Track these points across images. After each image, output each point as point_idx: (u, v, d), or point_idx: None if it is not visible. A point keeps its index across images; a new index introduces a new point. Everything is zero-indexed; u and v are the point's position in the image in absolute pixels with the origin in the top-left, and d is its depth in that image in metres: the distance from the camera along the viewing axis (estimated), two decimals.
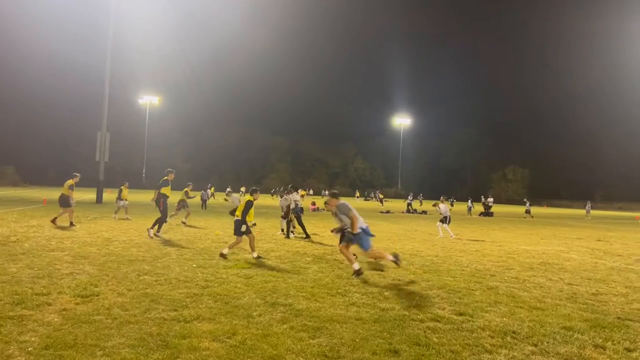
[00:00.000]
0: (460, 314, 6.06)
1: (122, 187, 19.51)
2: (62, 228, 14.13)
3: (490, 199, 41.07)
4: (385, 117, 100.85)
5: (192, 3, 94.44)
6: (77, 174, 16.67)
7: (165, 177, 13.67)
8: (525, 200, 41.98)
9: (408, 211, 36.62)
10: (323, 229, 17.20)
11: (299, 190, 16.41)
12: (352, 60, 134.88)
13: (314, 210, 31.85)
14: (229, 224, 16.63)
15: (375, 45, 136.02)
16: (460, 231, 19.33)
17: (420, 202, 40.59)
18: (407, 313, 6.00)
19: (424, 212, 35.47)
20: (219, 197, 40.38)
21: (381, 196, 50.16)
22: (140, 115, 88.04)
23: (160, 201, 13.35)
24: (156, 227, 13.14)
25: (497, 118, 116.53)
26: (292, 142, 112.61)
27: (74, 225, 14.84)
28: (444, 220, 16.90)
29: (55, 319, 5.10)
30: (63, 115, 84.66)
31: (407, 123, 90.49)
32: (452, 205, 43.98)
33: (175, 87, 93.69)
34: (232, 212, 15.20)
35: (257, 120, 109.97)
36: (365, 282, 7.90)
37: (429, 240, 15.57)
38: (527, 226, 25.49)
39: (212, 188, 43.77)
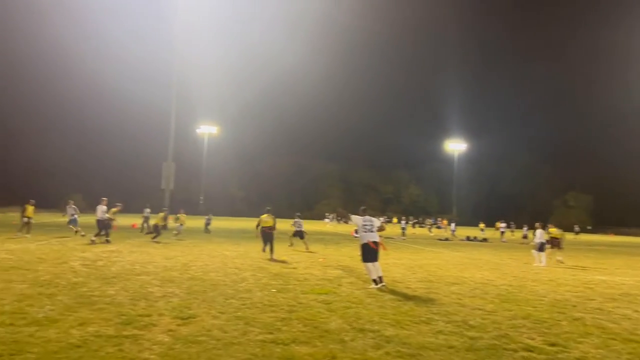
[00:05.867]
0: (553, 345, 5.99)
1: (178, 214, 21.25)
2: (141, 252, 14.89)
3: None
4: (438, 142, 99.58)
5: (248, 38, 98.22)
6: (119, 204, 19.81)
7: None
8: (575, 227, 40.20)
9: (446, 239, 35.87)
10: (385, 257, 17.24)
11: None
12: (404, 85, 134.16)
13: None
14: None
15: (428, 69, 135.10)
16: (528, 260, 18.81)
17: (482, 230, 39.46)
18: (497, 342, 5.99)
19: (485, 239, 34.64)
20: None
21: (444, 222, 48.26)
22: (198, 144, 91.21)
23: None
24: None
25: (556, 142, 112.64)
26: (344, 169, 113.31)
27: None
28: (541, 247, 16.69)
29: (166, 339, 5.47)
30: (128, 145, 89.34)
31: (461, 148, 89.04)
32: (512, 232, 42.64)
33: (231, 117, 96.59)
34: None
35: (310, 148, 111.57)
36: (447, 312, 7.92)
37: (497, 269, 15.27)
38: (595, 255, 24.43)
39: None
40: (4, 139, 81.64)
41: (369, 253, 10.06)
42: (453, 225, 38.67)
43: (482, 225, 40.42)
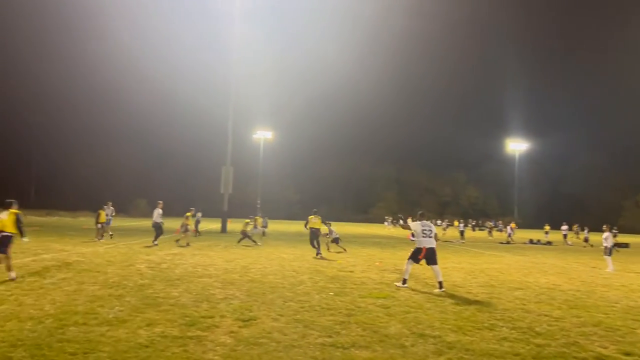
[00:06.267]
0: (627, 354, 5.66)
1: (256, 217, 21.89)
2: (202, 255, 15.34)
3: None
4: (497, 142, 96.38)
5: (302, 42, 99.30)
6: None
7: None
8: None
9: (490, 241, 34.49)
10: (444, 261, 16.88)
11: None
12: (461, 83, 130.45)
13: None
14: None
15: (486, 66, 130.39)
16: (597, 264, 17.87)
17: (547, 232, 37.74)
18: (566, 350, 5.72)
19: (549, 242, 33.24)
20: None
21: (514, 225, 45.92)
22: (254, 149, 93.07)
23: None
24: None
25: (626, 141, 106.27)
26: (399, 171, 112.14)
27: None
28: (609, 251, 15.96)
29: (228, 340, 5.60)
30: (188, 151, 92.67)
31: (522, 148, 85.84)
32: (577, 234, 40.58)
33: (286, 122, 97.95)
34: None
35: (364, 151, 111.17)
36: (511, 317, 7.65)
37: (564, 273, 14.60)
38: None
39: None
40: (74, 147, 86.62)
41: (419, 256, 10.15)
42: (509, 228, 37.25)
43: (547, 228, 38.80)
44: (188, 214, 20.65)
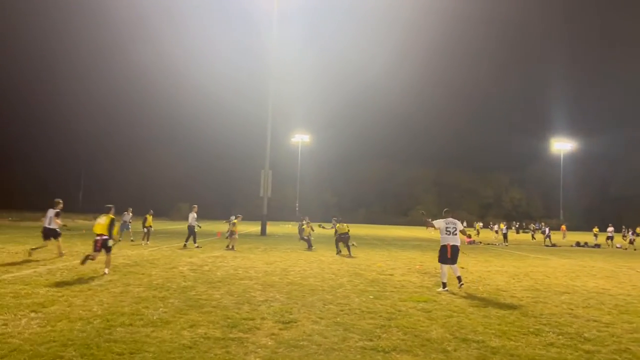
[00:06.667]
0: None
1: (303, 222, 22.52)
2: (243, 258, 15.55)
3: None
4: (541, 142, 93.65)
5: (339, 45, 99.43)
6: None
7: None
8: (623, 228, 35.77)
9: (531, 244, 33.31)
10: (487, 264, 16.52)
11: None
12: (502, 82, 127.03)
13: (469, 243, 30.65)
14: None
15: (529, 64, 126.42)
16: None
17: (596, 235, 36.28)
18: (617, 357, 5.50)
19: (597, 245, 32.03)
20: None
21: (564, 227, 44.46)
22: (292, 153, 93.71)
23: None
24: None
25: None
26: (439, 172, 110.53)
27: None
28: None
29: (269, 343, 5.65)
30: (229, 156, 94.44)
31: (567, 148, 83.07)
32: (624, 237, 38.87)
33: (323, 125, 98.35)
34: None
35: (402, 152, 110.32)
36: (558, 322, 7.40)
37: (613, 277, 14.02)
38: None
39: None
40: (120, 153, 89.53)
41: (447, 255, 10.21)
42: (547, 230, 36.02)
43: (595, 230, 37.34)
44: (235, 220, 20.96)
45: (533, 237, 40.67)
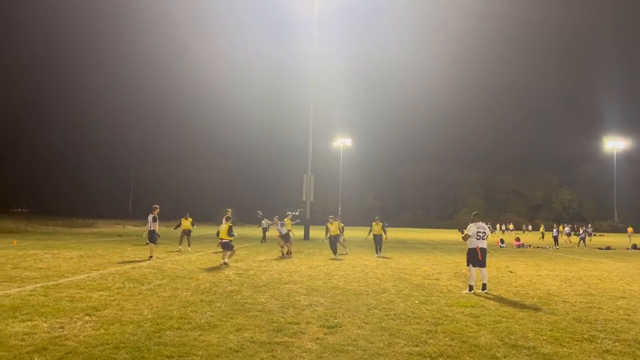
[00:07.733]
0: None
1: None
2: (287, 262, 15.67)
3: None
4: (592, 141, 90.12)
5: (383, 48, 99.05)
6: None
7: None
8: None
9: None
10: (537, 268, 15.99)
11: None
12: (553, 81, 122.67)
13: (518, 246, 29.77)
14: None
15: (579, 61, 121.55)
16: None
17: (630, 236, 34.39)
18: None
19: None
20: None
21: (630, 229, 41.82)
22: (334, 156, 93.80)
23: None
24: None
25: None
26: (485, 174, 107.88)
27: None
28: None
29: (314, 347, 5.66)
30: (270, 161, 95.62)
31: (620, 146, 79.53)
32: None
33: (365, 128, 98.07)
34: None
35: (447, 155, 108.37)
36: (614, 329, 7.08)
37: None
38: None
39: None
40: (167, 161, 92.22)
41: (478, 257, 10.31)
42: (567, 228, 34.20)
43: None
44: (286, 219, 20.99)
45: (583, 241, 38.20)
